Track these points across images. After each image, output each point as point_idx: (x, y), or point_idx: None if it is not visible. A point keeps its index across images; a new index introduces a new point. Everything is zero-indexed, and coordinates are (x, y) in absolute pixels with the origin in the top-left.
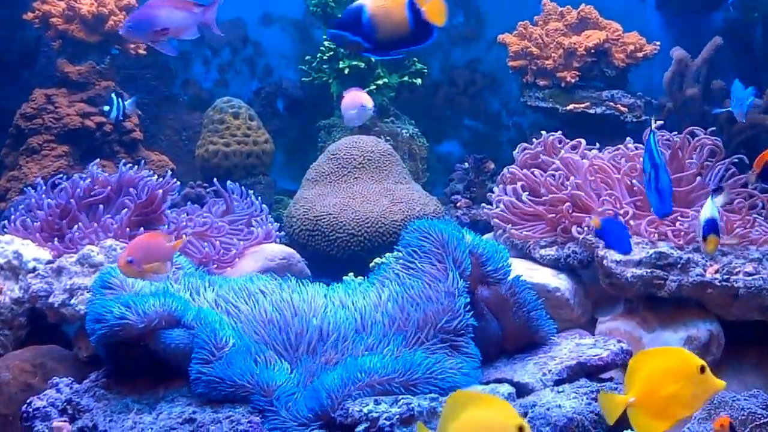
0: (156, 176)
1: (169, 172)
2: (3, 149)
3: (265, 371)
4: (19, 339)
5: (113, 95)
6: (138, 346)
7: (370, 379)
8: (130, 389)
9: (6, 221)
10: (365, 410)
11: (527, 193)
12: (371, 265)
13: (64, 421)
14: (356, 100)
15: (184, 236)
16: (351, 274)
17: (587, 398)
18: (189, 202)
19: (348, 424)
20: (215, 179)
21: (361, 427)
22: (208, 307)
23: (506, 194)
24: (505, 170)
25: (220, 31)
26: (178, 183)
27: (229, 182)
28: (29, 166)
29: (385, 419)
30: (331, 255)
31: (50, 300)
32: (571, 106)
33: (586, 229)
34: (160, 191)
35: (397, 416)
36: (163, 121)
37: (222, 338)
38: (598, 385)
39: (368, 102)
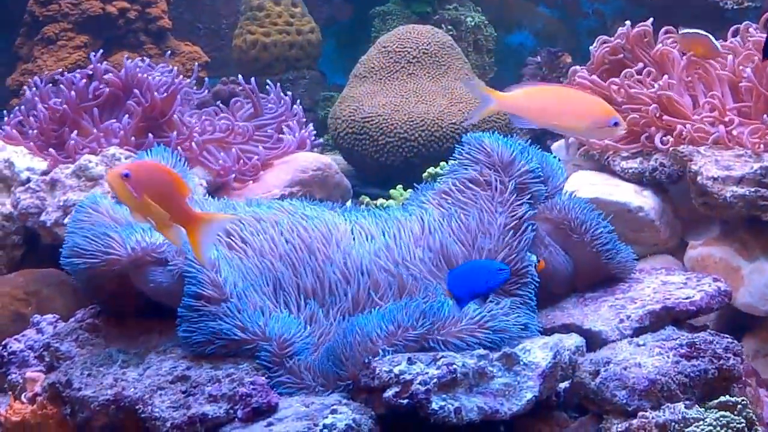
0: (160, 74)
1: (168, 65)
2: (18, 39)
3: (274, 322)
4: (13, 260)
5: None
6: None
7: (404, 332)
8: (119, 334)
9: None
10: (396, 371)
11: None
12: (425, 175)
13: (40, 371)
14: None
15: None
16: (399, 186)
17: (675, 354)
18: (219, 102)
19: (375, 386)
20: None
21: (390, 392)
22: None
23: None
24: (575, 69)
25: None
26: (196, 78)
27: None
28: (44, 58)
29: (420, 383)
30: (380, 162)
31: (42, 218)
32: None
33: (671, 139)
34: (164, 92)
35: (435, 380)
36: (199, 6)
37: (221, 281)
38: (689, 336)
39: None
